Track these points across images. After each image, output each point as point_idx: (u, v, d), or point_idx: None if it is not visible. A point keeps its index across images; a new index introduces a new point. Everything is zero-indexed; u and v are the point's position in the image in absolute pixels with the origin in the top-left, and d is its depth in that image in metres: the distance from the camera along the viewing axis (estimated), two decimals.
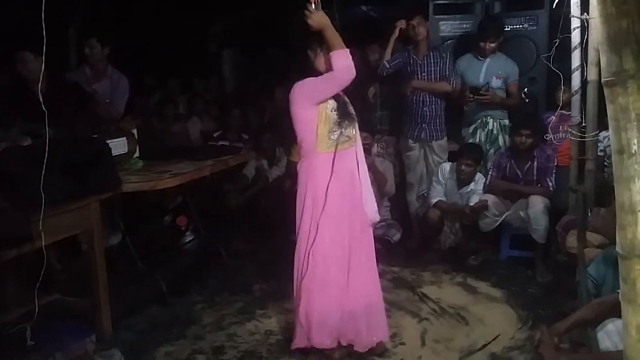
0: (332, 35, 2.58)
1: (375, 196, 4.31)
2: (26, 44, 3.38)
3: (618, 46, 1.22)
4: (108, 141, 3.19)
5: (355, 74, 2.60)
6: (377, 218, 3.01)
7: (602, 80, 1.26)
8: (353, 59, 2.61)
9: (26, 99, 3.20)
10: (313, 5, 2.56)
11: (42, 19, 2.14)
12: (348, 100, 2.84)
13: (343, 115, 2.74)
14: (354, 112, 2.83)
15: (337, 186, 2.73)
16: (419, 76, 4.41)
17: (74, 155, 2.84)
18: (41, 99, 2.34)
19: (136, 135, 3.68)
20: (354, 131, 2.82)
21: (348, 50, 2.59)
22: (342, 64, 2.58)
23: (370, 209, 2.91)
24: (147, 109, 5.64)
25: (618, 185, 1.27)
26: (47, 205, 2.41)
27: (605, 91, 1.26)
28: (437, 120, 4.48)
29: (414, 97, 4.44)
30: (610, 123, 1.26)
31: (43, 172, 2.38)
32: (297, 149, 2.92)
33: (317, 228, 2.71)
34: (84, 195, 2.87)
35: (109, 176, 3.03)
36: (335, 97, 2.73)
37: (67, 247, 3.59)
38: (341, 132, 2.73)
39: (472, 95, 4.29)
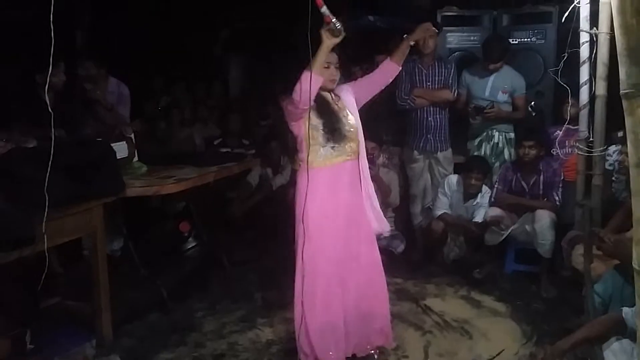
0: (317, 54, 2.48)
1: (380, 207, 4.31)
2: (31, 49, 3.40)
3: (638, 57, 1.20)
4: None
5: (297, 95, 2.46)
6: (387, 229, 2.98)
7: (621, 92, 1.24)
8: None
9: (32, 101, 3.20)
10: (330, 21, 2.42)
11: (51, 20, 2.14)
12: (348, 114, 2.78)
13: (331, 131, 2.69)
14: (351, 128, 2.77)
15: (331, 201, 2.72)
16: (424, 85, 4.39)
17: (78, 158, 2.83)
18: (48, 101, 2.34)
19: (134, 140, 3.67)
20: (352, 145, 2.77)
21: (309, 73, 2.45)
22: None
23: (375, 221, 2.88)
24: (152, 113, 5.65)
25: (635, 199, 1.24)
26: (50, 207, 2.39)
27: (624, 103, 1.24)
28: (442, 131, 4.45)
29: (419, 108, 4.42)
30: (629, 136, 1.24)
31: (47, 175, 2.37)
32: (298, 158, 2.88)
33: (309, 242, 2.67)
34: (87, 199, 2.86)
35: (113, 180, 3.01)
36: (322, 114, 2.69)
37: (69, 251, 3.58)
38: (332, 147, 2.70)
39: (476, 115, 4.29)
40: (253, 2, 5.76)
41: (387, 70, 2.92)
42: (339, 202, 2.74)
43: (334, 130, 2.70)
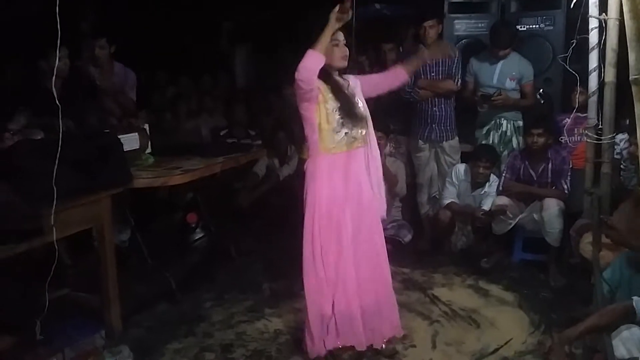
0: (322, 34, 2.51)
1: (387, 196, 4.31)
2: (37, 41, 3.40)
3: None
4: (120, 136, 3.19)
5: (300, 73, 2.48)
6: (383, 214, 2.96)
7: (631, 77, 1.23)
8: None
9: (39, 93, 3.20)
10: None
11: (56, 12, 2.14)
12: (358, 101, 2.78)
13: (347, 115, 2.67)
14: (363, 113, 2.76)
15: (341, 188, 2.71)
16: (428, 75, 4.35)
17: (85, 149, 2.83)
18: (55, 93, 2.34)
19: (148, 131, 3.67)
20: (363, 132, 2.76)
21: (312, 52, 2.48)
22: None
23: (380, 206, 2.89)
24: (159, 104, 5.64)
25: None
26: (58, 199, 2.40)
27: (634, 89, 1.23)
28: (448, 121, 4.43)
29: (424, 97, 4.38)
30: (638, 121, 1.22)
31: (55, 166, 2.38)
32: (306, 147, 2.87)
33: (319, 230, 2.69)
34: (95, 190, 2.86)
35: (120, 171, 3.02)
36: (338, 96, 2.66)
37: (78, 242, 3.59)
38: (346, 133, 2.68)
39: (483, 103, 4.26)
40: None
41: (397, 77, 3.00)
42: (349, 189, 2.74)
43: (350, 114, 2.68)
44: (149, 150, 3.62)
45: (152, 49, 5.69)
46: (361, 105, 2.79)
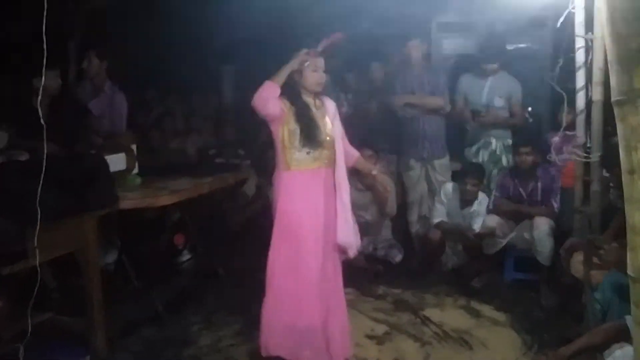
0: (282, 69, 2.78)
1: (377, 216, 4.29)
2: (26, 57, 3.37)
3: (628, 66, 1.19)
4: (106, 157, 3.15)
5: (254, 101, 2.73)
6: (354, 246, 2.97)
7: (612, 99, 1.23)
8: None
9: (25, 111, 3.17)
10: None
11: (43, 31, 2.13)
12: (326, 123, 2.89)
13: (307, 137, 2.80)
14: (326, 137, 2.86)
15: (305, 204, 2.82)
16: (415, 93, 4.37)
17: (71, 171, 2.80)
18: (40, 113, 2.31)
19: (135, 152, 3.64)
20: (327, 153, 2.88)
21: (268, 83, 2.73)
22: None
23: (345, 237, 2.90)
24: (146, 124, 5.61)
25: (629, 206, 1.23)
26: (42, 221, 2.36)
27: (615, 110, 1.23)
28: (438, 139, 4.44)
29: (414, 115, 4.39)
30: (621, 143, 1.23)
31: (39, 188, 2.34)
32: None
33: (280, 240, 2.83)
34: (80, 212, 2.82)
35: (106, 193, 2.98)
36: (301, 118, 2.80)
37: (63, 265, 3.53)
38: (308, 152, 2.81)
39: (474, 118, 4.27)
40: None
41: (349, 158, 3.09)
42: (313, 207, 2.84)
43: (310, 136, 2.80)
44: (136, 170, 3.58)
45: (140, 68, 5.67)
46: (329, 128, 2.89)
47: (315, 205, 2.83)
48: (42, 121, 2.27)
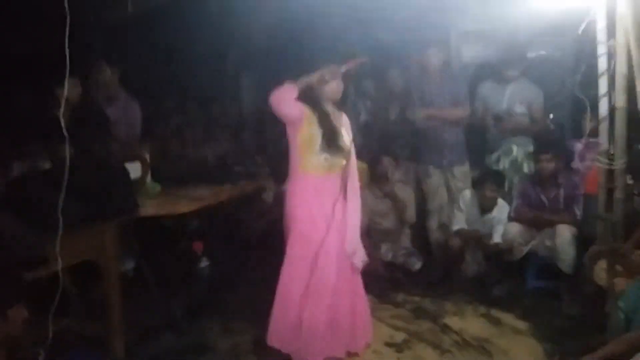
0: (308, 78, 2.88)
1: (396, 224, 4.27)
2: (48, 69, 3.42)
3: None
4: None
5: (271, 100, 2.81)
6: (357, 259, 3.01)
7: (639, 105, 1.20)
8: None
9: (47, 120, 3.21)
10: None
11: (66, 43, 2.17)
12: (344, 134, 2.96)
13: (329, 142, 2.86)
14: (346, 145, 2.94)
15: (316, 208, 2.88)
16: (434, 103, 4.33)
17: (93, 179, 2.84)
18: (62, 123, 2.34)
19: (148, 160, 3.67)
20: (343, 161, 2.94)
21: (287, 84, 2.83)
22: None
23: (351, 245, 2.96)
24: (165, 133, 5.65)
25: None
26: (64, 228, 2.39)
27: None
28: (458, 146, 4.41)
29: (433, 123, 4.37)
30: None
31: (62, 196, 2.37)
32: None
33: (294, 243, 2.90)
34: (101, 220, 2.86)
35: (126, 200, 3.02)
36: (323, 124, 2.86)
37: (84, 271, 3.56)
38: (326, 158, 2.87)
39: (496, 123, 4.24)
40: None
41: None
42: (324, 210, 2.90)
43: (331, 141, 2.87)
44: (148, 179, 3.61)
45: (159, 76, 5.72)
46: (346, 137, 2.97)
47: (328, 210, 2.90)
48: (64, 132, 2.31)
